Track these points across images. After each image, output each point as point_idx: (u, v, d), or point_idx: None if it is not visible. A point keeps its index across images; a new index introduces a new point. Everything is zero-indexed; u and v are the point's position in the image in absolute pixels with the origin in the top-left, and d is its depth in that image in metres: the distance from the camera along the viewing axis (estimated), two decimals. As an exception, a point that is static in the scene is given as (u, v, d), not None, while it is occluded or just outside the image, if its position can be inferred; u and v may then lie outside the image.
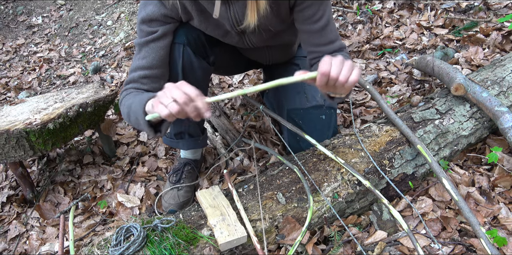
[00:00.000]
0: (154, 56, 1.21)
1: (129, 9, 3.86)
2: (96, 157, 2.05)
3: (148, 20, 1.19)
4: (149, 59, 1.21)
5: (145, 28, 1.20)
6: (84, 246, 1.40)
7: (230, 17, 1.19)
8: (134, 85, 1.22)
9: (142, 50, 1.21)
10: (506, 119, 1.32)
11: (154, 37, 1.20)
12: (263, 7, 1.09)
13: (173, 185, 1.59)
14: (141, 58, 1.21)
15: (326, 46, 1.25)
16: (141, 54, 1.21)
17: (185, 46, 1.28)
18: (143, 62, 1.21)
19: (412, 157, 1.37)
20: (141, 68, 1.21)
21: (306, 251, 1.19)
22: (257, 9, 1.09)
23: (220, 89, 2.43)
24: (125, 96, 1.18)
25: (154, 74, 1.23)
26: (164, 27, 1.21)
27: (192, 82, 1.36)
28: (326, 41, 1.25)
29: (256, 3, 1.08)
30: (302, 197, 1.26)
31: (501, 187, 1.34)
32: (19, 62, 3.86)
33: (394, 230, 1.24)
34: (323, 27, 1.21)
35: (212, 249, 1.13)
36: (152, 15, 1.18)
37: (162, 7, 1.18)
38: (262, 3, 1.08)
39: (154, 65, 1.22)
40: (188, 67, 1.31)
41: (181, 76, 1.30)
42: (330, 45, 1.26)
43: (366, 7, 2.70)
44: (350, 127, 1.88)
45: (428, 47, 2.23)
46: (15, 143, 1.51)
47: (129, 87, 1.22)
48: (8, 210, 1.82)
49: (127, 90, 1.22)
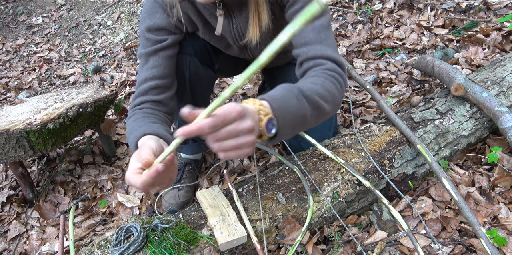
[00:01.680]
0: (165, 65, 1.16)
1: (129, 9, 3.86)
2: (96, 157, 2.05)
3: (155, 29, 1.15)
4: (160, 68, 1.15)
5: (152, 37, 1.15)
6: (84, 246, 1.40)
7: (233, 31, 1.19)
8: (144, 98, 1.14)
9: (150, 60, 1.15)
10: (506, 119, 1.32)
11: (164, 46, 1.15)
12: (265, 23, 1.07)
13: (174, 185, 1.59)
14: (150, 68, 1.15)
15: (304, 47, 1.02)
16: (149, 64, 1.15)
17: (191, 56, 1.27)
18: (153, 72, 1.15)
19: (412, 157, 1.37)
20: (151, 79, 1.14)
21: (306, 251, 1.19)
22: (259, 25, 1.08)
23: (220, 89, 2.43)
24: (130, 117, 1.10)
25: (164, 84, 1.17)
26: (173, 36, 1.17)
27: (199, 91, 1.38)
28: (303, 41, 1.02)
29: (258, 19, 1.07)
30: (302, 197, 1.26)
31: (501, 187, 1.34)
32: (19, 62, 3.86)
33: (394, 230, 1.24)
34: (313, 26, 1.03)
35: (212, 249, 1.13)
36: (160, 24, 1.14)
37: (168, 17, 1.15)
38: (264, 19, 1.07)
39: (165, 74, 1.16)
40: (194, 77, 1.32)
41: (188, 86, 1.32)
42: (306, 47, 1.01)
43: (366, 7, 2.70)
44: (350, 127, 1.88)
45: (428, 47, 2.23)
46: (15, 143, 1.51)
47: (138, 103, 1.14)
48: (8, 210, 1.82)
49: (135, 109, 1.13)
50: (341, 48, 2.47)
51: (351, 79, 2.19)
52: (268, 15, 1.08)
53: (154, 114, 1.12)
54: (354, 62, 2.35)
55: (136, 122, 1.05)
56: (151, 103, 1.14)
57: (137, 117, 1.08)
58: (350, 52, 2.44)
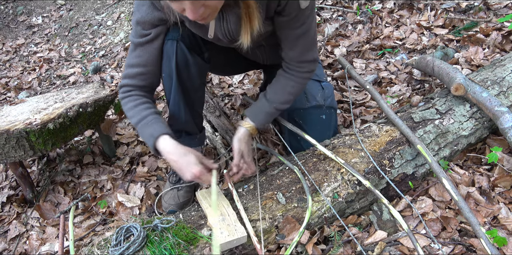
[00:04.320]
0: (148, 56, 1.29)
1: (129, 9, 3.86)
2: (96, 157, 2.05)
3: (141, 22, 1.23)
4: (144, 58, 1.29)
5: (139, 30, 1.25)
6: (84, 246, 1.40)
7: (223, 27, 1.21)
8: (131, 81, 1.30)
9: (137, 49, 1.29)
10: (506, 119, 1.32)
11: (147, 40, 1.26)
12: (256, 27, 1.11)
13: (173, 185, 1.59)
14: (136, 57, 1.29)
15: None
16: (136, 52, 1.29)
17: (178, 42, 1.29)
18: (138, 60, 1.29)
19: (412, 157, 1.37)
20: (137, 66, 1.29)
21: (306, 251, 1.19)
22: (251, 32, 1.12)
23: (220, 89, 2.43)
24: (127, 99, 1.31)
25: (149, 71, 1.31)
26: (156, 29, 1.25)
27: (187, 78, 1.37)
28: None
29: (250, 25, 1.10)
30: (302, 197, 1.26)
31: (501, 187, 1.34)
32: (19, 62, 3.86)
33: (394, 230, 1.24)
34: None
35: (212, 249, 1.13)
36: (146, 17, 1.21)
37: (155, 10, 1.20)
38: (255, 25, 1.10)
39: (148, 64, 1.30)
40: (182, 63, 1.31)
41: (175, 72, 1.32)
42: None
43: (366, 7, 2.70)
44: (350, 127, 1.88)
45: (428, 47, 2.23)
46: (15, 143, 1.51)
47: (126, 84, 1.31)
48: (8, 210, 1.82)
49: (125, 88, 1.32)
50: (341, 48, 2.47)
51: (351, 79, 2.19)
52: (259, 20, 1.10)
53: (148, 102, 1.32)
54: (354, 62, 2.35)
55: (139, 107, 1.28)
56: (139, 89, 1.32)
57: (134, 100, 1.30)
58: (350, 52, 2.44)
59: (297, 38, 1.24)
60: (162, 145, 1.21)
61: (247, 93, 2.29)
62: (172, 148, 1.20)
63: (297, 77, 1.32)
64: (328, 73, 2.29)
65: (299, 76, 1.32)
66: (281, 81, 1.34)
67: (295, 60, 1.30)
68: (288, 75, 1.33)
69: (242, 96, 2.25)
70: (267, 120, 1.38)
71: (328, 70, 2.34)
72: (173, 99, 1.38)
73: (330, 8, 2.85)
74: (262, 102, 1.36)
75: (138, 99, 1.31)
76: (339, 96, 2.09)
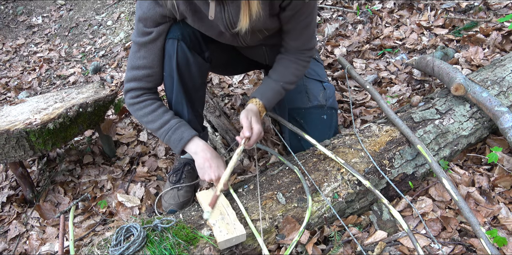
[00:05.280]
0: (153, 57, 1.28)
1: (129, 9, 3.86)
2: (96, 157, 2.05)
3: (143, 19, 1.23)
4: (149, 60, 1.28)
5: (141, 28, 1.24)
6: (84, 246, 1.40)
7: (224, 18, 1.20)
8: (138, 84, 1.30)
9: (141, 50, 1.28)
10: (506, 119, 1.32)
11: (150, 39, 1.25)
12: (255, 11, 1.09)
13: (173, 185, 1.59)
14: (141, 58, 1.28)
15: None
16: (140, 53, 1.28)
17: (179, 41, 1.28)
18: (144, 62, 1.28)
19: (412, 157, 1.37)
20: (143, 67, 1.29)
21: (306, 251, 1.19)
22: (250, 14, 1.09)
23: (220, 89, 2.43)
24: (140, 104, 1.32)
25: (155, 73, 1.32)
26: (158, 28, 1.25)
27: (187, 78, 1.37)
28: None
29: (249, 8, 1.08)
30: (302, 197, 1.26)
31: (501, 187, 1.34)
32: (19, 62, 3.86)
33: (394, 230, 1.24)
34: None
35: (212, 249, 1.13)
36: (148, 13, 1.21)
37: (157, 5, 1.20)
38: (254, 7, 1.08)
39: (155, 65, 1.30)
40: (183, 63, 1.31)
41: (175, 71, 1.31)
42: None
43: (366, 7, 2.70)
44: (350, 127, 1.88)
45: (428, 47, 2.23)
46: (15, 143, 1.51)
47: (134, 87, 1.31)
48: (8, 210, 1.82)
49: (134, 92, 1.31)
50: (341, 48, 2.47)
51: (351, 79, 2.19)
52: (259, 4, 1.08)
53: (163, 105, 1.35)
54: (354, 62, 2.35)
55: (159, 116, 1.31)
56: (149, 92, 1.33)
57: (153, 108, 1.32)
58: (350, 52, 2.44)
59: (301, 30, 1.27)
60: (194, 145, 1.28)
61: (247, 93, 2.29)
62: (206, 147, 1.29)
63: (298, 62, 1.37)
64: (328, 73, 2.29)
65: (301, 60, 1.37)
66: (284, 63, 1.38)
67: (296, 49, 1.35)
68: (290, 58, 1.37)
69: (242, 96, 2.25)
70: (275, 98, 1.37)
71: (328, 70, 2.34)
72: (175, 98, 1.38)
73: (330, 8, 2.85)
74: (268, 82, 1.38)
75: (153, 103, 1.32)
76: (339, 96, 2.09)
